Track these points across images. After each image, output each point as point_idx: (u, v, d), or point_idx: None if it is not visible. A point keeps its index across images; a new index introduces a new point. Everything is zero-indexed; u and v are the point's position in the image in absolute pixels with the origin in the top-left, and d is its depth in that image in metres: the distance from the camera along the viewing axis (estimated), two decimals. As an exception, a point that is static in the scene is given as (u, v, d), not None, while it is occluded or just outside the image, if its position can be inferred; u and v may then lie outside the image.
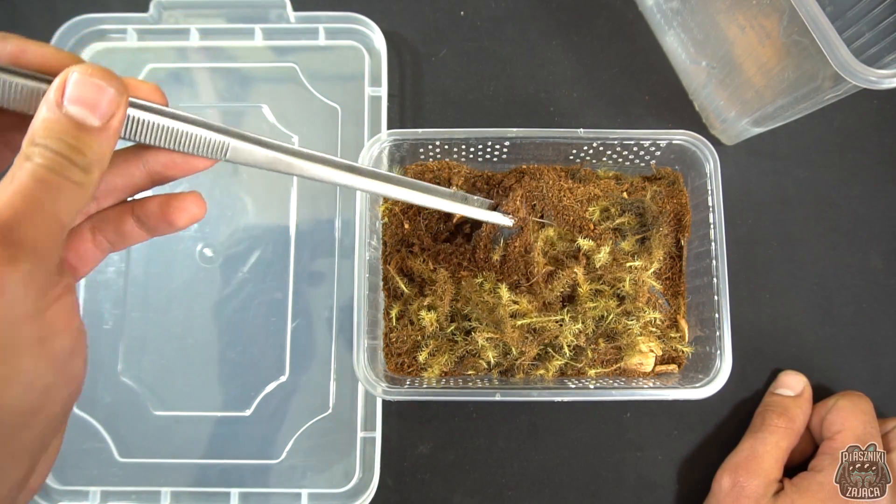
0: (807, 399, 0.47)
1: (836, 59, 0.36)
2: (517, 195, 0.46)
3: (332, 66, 0.55)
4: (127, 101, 0.24)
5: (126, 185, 0.29)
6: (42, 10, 0.57)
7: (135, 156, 0.28)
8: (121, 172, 0.28)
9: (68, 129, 0.22)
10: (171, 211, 0.29)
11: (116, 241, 0.29)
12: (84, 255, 0.29)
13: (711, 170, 0.46)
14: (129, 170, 0.28)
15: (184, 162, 0.28)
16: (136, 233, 0.29)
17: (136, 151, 0.28)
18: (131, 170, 0.28)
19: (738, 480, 0.44)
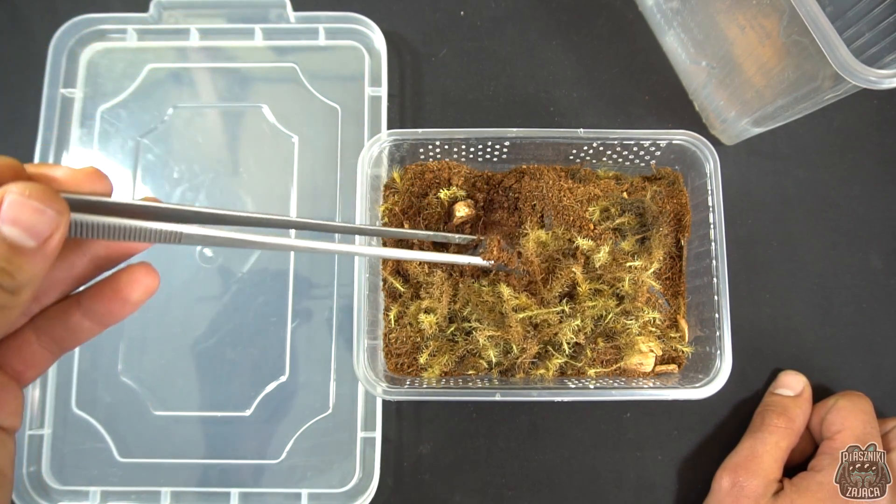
0: (806, 399, 0.47)
1: (836, 59, 0.36)
2: (493, 243, 0.45)
3: (332, 66, 0.55)
4: (68, 221, 0.22)
5: (68, 278, 0.26)
6: (42, 11, 0.57)
7: (75, 246, 0.26)
8: (62, 266, 0.26)
9: (4, 253, 0.21)
10: (123, 287, 0.26)
11: (65, 338, 0.27)
12: (30, 358, 0.26)
13: (711, 170, 0.46)
14: (70, 261, 0.26)
15: (130, 245, 0.26)
16: (87, 326, 0.27)
17: (77, 241, 0.26)
18: (73, 261, 0.26)
19: (738, 480, 0.44)
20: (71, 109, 0.54)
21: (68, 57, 0.54)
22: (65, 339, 0.27)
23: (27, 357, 0.26)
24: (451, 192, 0.49)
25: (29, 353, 0.26)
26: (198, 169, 0.54)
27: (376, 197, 0.49)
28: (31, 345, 0.26)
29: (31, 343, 0.26)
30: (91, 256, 0.26)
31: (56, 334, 0.26)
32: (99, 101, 0.55)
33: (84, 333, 0.27)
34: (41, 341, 0.26)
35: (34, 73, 0.54)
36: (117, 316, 0.26)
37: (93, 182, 0.25)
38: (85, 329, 0.27)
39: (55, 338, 0.26)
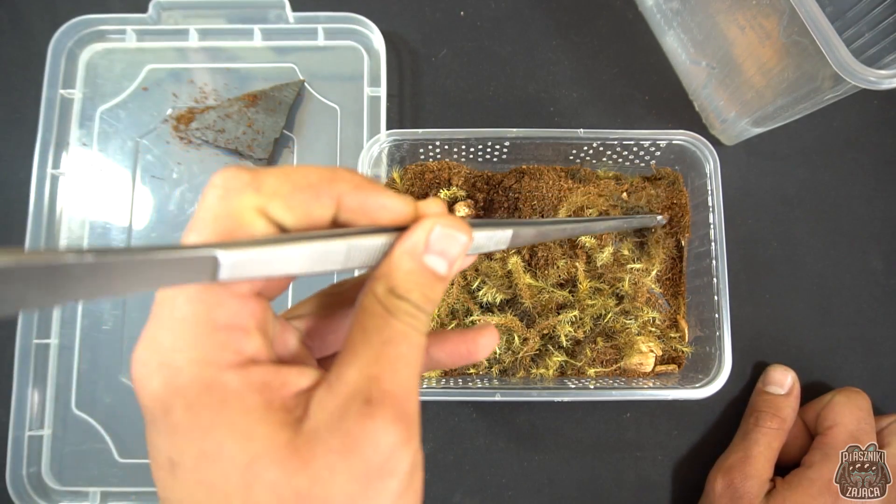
0: (796, 396, 0.47)
1: (836, 59, 0.36)
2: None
3: (331, 66, 0.55)
4: (471, 242, 0.24)
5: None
6: (42, 11, 0.57)
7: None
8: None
9: (427, 281, 0.22)
10: (475, 347, 0.27)
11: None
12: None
13: (711, 170, 0.46)
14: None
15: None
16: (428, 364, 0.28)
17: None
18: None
19: (732, 482, 0.44)
20: (70, 110, 0.54)
21: (67, 57, 0.54)
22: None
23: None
24: (451, 192, 0.49)
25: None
26: (197, 170, 0.54)
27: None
28: None
29: None
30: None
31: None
32: (98, 102, 0.55)
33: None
34: None
35: (33, 74, 0.54)
36: (455, 364, 0.28)
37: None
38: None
39: None
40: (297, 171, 0.22)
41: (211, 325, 0.20)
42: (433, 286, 0.23)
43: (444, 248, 0.23)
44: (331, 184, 0.22)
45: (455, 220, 0.23)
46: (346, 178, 0.22)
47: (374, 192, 0.22)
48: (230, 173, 0.21)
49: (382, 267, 0.23)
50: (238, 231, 0.20)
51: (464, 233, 0.23)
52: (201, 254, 0.18)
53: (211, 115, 0.53)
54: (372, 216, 0.23)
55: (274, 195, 0.21)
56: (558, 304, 0.46)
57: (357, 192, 0.22)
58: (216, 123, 0.53)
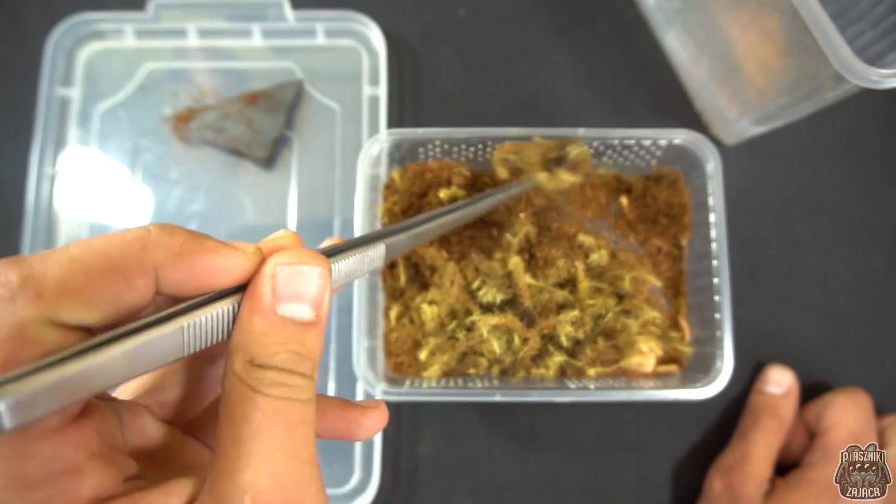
0: (794, 395, 0.47)
1: (838, 58, 0.35)
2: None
3: (330, 65, 0.55)
4: (331, 273, 0.20)
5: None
6: (40, 9, 0.57)
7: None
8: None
9: (292, 335, 0.18)
10: (359, 422, 0.23)
11: None
12: None
13: (712, 169, 0.46)
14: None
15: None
16: None
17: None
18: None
19: (731, 483, 0.44)
20: (68, 109, 0.54)
21: (65, 56, 0.54)
22: None
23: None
24: (451, 191, 0.48)
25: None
26: (196, 169, 0.54)
27: (375, 197, 0.49)
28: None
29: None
30: None
31: None
32: (97, 101, 0.54)
33: None
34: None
35: (31, 73, 0.54)
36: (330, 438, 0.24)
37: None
38: None
39: None
40: (89, 250, 0.17)
41: (21, 485, 0.15)
42: (302, 339, 0.19)
43: (299, 290, 0.18)
44: (141, 258, 0.17)
45: (302, 253, 0.19)
46: (163, 243, 0.17)
47: (202, 255, 0.18)
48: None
49: (235, 337, 0.18)
50: (20, 357, 0.15)
51: (315, 264, 0.19)
52: None
53: (210, 114, 0.53)
54: (205, 284, 0.18)
55: (62, 296, 0.16)
56: (558, 303, 0.45)
57: (179, 260, 0.18)
58: (215, 123, 0.53)
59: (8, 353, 0.15)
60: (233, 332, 0.19)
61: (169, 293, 0.18)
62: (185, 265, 0.18)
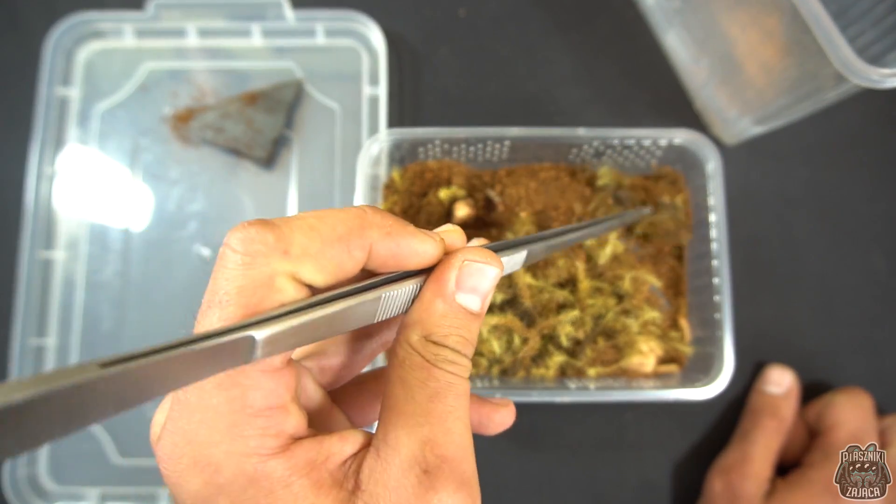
0: (794, 395, 0.47)
1: (838, 57, 0.35)
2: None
3: (330, 65, 0.55)
4: (501, 274, 0.22)
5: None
6: (39, 9, 0.57)
7: None
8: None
9: (463, 322, 0.21)
10: (485, 415, 0.26)
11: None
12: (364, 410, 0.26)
13: (713, 169, 0.46)
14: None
15: None
16: None
17: None
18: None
19: (731, 483, 0.44)
20: (68, 109, 0.54)
21: (65, 56, 0.54)
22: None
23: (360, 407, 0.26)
24: (451, 191, 0.48)
25: (362, 399, 0.26)
26: (196, 169, 0.53)
27: (375, 197, 0.49)
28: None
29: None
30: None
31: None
32: (96, 101, 0.54)
33: None
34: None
35: (30, 73, 0.54)
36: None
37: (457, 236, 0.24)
38: None
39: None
40: (324, 221, 0.19)
41: (248, 411, 0.18)
42: (469, 326, 0.21)
43: (476, 284, 0.21)
44: (362, 233, 0.20)
45: (483, 253, 0.22)
46: (377, 223, 0.20)
47: (405, 237, 0.21)
48: (252, 234, 0.18)
49: (413, 313, 0.21)
50: (267, 302, 0.18)
51: (494, 265, 0.22)
52: (236, 337, 0.16)
53: (210, 114, 0.53)
54: (403, 262, 0.21)
55: (304, 257, 0.19)
56: (559, 303, 0.45)
57: (388, 239, 0.20)
58: (215, 122, 0.53)
59: (261, 296, 0.18)
60: (412, 308, 0.21)
61: (373, 267, 0.21)
62: (392, 244, 0.20)
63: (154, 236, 0.52)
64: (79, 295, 0.51)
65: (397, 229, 0.21)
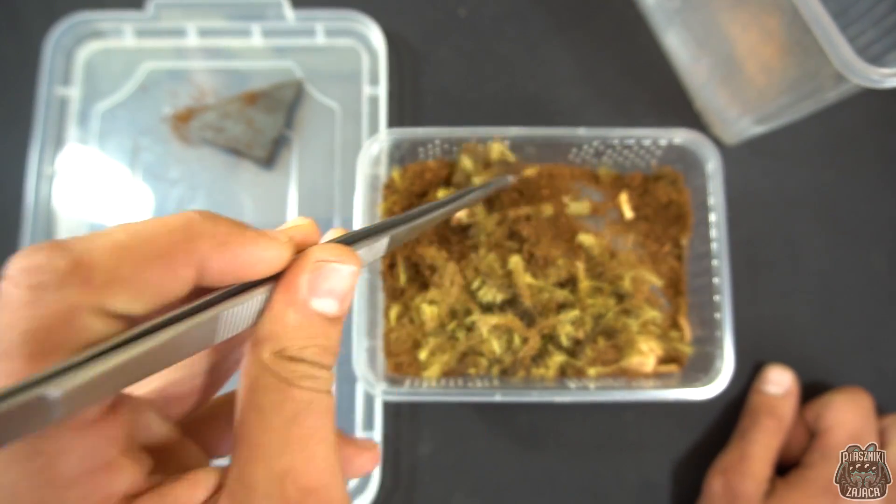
0: (794, 395, 0.47)
1: (839, 57, 0.35)
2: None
3: (330, 65, 0.55)
4: (360, 270, 0.20)
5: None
6: (39, 8, 0.57)
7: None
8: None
9: (321, 329, 0.19)
10: (346, 457, 0.23)
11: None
12: (219, 434, 0.23)
13: (713, 169, 0.46)
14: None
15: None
16: None
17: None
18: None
19: (730, 483, 0.44)
20: (68, 109, 0.54)
21: (65, 56, 0.54)
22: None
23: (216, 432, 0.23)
24: (451, 191, 0.48)
25: (218, 428, 0.23)
26: (196, 168, 0.53)
27: (375, 197, 0.49)
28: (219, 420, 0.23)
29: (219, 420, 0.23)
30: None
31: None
32: (96, 101, 0.54)
33: None
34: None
35: (30, 72, 0.54)
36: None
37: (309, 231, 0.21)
38: None
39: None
40: (136, 236, 0.16)
41: (58, 483, 0.15)
42: (328, 333, 0.19)
43: (332, 286, 0.19)
44: (188, 247, 0.17)
45: (337, 249, 0.19)
46: (206, 231, 0.17)
47: (244, 245, 0.18)
48: (37, 261, 0.14)
49: (263, 326, 0.18)
50: (68, 345, 0.14)
51: (350, 262, 0.19)
52: (22, 401, 0.12)
53: (210, 114, 0.53)
54: (244, 274, 0.18)
55: (112, 283, 0.15)
56: (559, 303, 0.45)
57: (223, 250, 0.17)
58: (215, 122, 0.53)
59: (56, 341, 0.14)
60: (261, 321, 0.19)
61: (207, 283, 0.17)
62: (227, 255, 0.17)
63: (154, 236, 0.52)
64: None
65: (233, 237, 0.17)
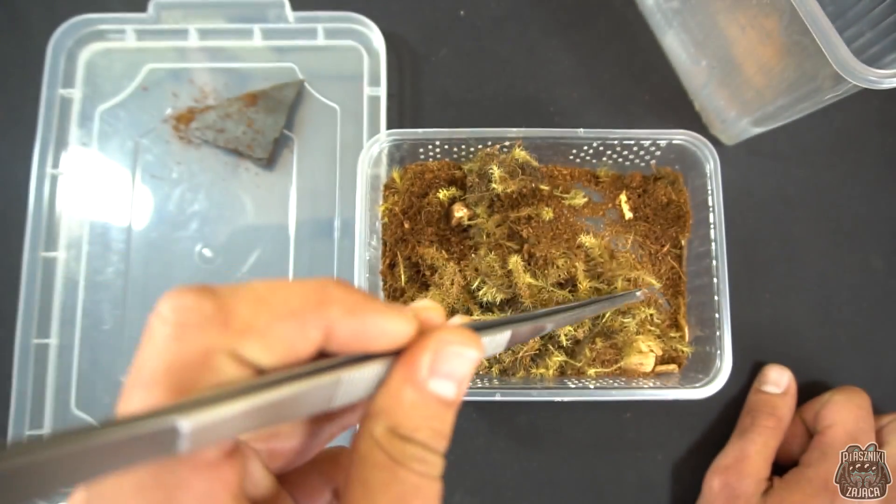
0: (792, 395, 0.47)
1: (837, 58, 0.35)
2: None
3: (330, 65, 0.55)
4: (481, 358, 0.20)
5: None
6: (41, 10, 0.57)
7: None
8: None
9: (436, 413, 0.18)
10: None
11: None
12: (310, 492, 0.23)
13: (712, 170, 0.46)
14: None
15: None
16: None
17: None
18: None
19: (729, 482, 0.44)
20: (70, 110, 0.54)
21: (67, 57, 0.54)
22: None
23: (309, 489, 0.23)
24: (451, 192, 0.49)
25: (312, 482, 0.23)
26: (197, 169, 0.54)
27: (376, 197, 0.49)
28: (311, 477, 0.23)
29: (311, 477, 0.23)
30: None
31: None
32: (98, 102, 0.54)
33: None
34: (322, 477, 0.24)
35: (32, 73, 0.54)
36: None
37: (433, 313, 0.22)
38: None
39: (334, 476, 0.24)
40: (275, 293, 0.17)
41: None
42: (443, 417, 0.19)
43: (452, 369, 0.19)
44: (319, 310, 0.17)
45: (462, 333, 0.19)
46: (339, 298, 0.18)
47: (372, 315, 0.18)
48: (186, 301, 0.16)
49: (379, 400, 0.18)
50: (201, 383, 0.15)
51: (473, 347, 0.19)
52: (155, 426, 0.13)
53: (211, 114, 0.53)
54: (368, 344, 0.18)
55: (247, 331, 0.16)
56: (558, 303, 0.46)
57: (352, 317, 0.18)
58: (216, 123, 0.53)
59: (192, 377, 0.15)
60: (377, 394, 0.19)
61: (332, 348, 0.18)
62: (356, 322, 0.18)
63: (155, 236, 0.53)
64: (80, 295, 0.51)
65: (363, 306, 0.18)
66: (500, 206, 0.47)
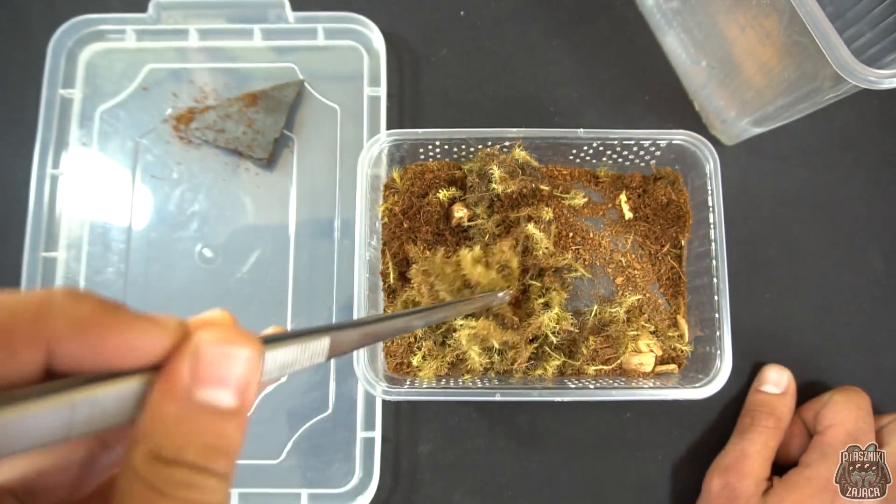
0: (792, 395, 0.47)
1: (836, 59, 0.35)
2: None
3: (331, 66, 0.55)
4: (262, 358, 0.17)
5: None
6: (41, 11, 0.57)
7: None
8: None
9: (209, 425, 0.16)
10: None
11: None
12: None
13: (711, 170, 0.46)
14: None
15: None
16: None
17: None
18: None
19: (729, 482, 0.44)
20: (70, 110, 0.54)
21: (67, 57, 0.54)
22: None
23: None
24: (451, 192, 0.49)
25: None
26: (197, 169, 0.54)
27: (376, 197, 0.49)
28: None
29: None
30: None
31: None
32: (98, 102, 0.55)
33: None
34: None
35: (33, 74, 0.54)
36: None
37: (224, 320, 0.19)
38: None
39: None
40: None
41: None
42: (219, 430, 0.16)
43: (224, 374, 0.16)
44: (34, 327, 0.14)
45: (225, 332, 0.17)
46: (64, 311, 0.15)
47: (114, 329, 0.15)
48: None
49: (140, 423, 0.15)
50: None
51: (244, 346, 0.17)
52: None
53: (211, 114, 0.53)
54: (109, 361, 0.15)
55: None
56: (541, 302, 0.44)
57: (80, 332, 0.15)
58: (216, 123, 0.53)
59: None
60: (138, 416, 0.16)
61: (65, 370, 0.15)
62: (88, 339, 0.15)
63: (155, 236, 0.53)
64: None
65: (98, 319, 0.15)
66: (500, 207, 0.47)
